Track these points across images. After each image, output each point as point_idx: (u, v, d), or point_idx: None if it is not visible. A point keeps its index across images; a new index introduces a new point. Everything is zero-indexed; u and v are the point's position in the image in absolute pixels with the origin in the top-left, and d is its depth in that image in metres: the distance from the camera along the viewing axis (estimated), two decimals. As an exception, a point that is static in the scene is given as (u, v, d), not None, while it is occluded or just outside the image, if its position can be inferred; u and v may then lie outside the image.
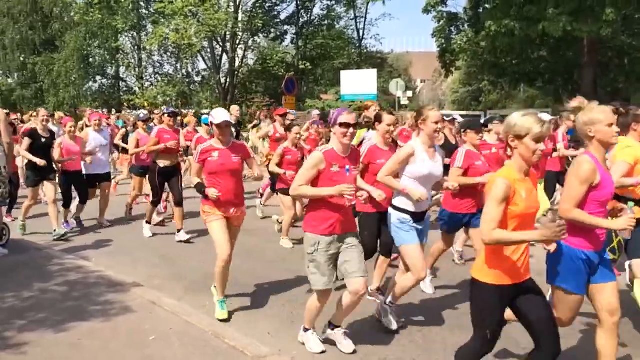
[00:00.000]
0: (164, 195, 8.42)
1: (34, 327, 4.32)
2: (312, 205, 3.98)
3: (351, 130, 3.83)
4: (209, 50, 30.24)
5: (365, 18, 32.69)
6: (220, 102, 29.04)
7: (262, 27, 29.99)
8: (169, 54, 31.88)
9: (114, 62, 32.92)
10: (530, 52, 22.93)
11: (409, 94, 26.00)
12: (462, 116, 11.39)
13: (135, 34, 31.93)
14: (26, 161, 7.70)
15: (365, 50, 33.25)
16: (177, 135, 7.81)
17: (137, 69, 32.30)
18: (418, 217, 4.34)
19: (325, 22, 32.24)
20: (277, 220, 7.85)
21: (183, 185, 7.94)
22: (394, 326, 4.46)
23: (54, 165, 7.81)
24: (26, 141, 7.56)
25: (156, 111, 15.08)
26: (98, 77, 33.80)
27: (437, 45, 24.77)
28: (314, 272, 3.89)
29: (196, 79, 32.95)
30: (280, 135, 8.40)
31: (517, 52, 21.71)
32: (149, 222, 8.03)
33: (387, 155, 4.77)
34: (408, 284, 4.36)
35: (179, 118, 12.83)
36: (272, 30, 32.07)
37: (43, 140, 7.65)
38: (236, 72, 30.72)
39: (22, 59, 33.24)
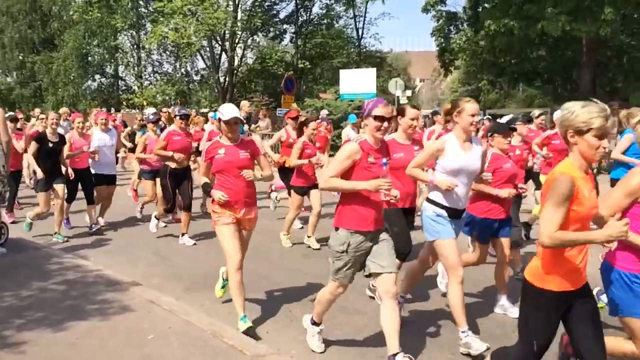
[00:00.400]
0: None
1: (33, 326, 4.31)
2: (344, 199, 3.74)
3: (386, 124, 3.62)
4: (208, 49, 30.22)
5: (365, 17, 32.71)
6: (220, 101, 29.04)
7: (261, 26, 29.97)
8: (168, 52, 31.91)
9: (113, 60, 32.93)
10: (529, 52, 22.96)
11: (408, 93, 25.95)
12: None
13: (134, 32, 31.95)
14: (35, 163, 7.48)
15: (364, 50, 33.23)
16: (188, 138, 7.57)
17: (136, 68, 32.32)
18: (454, 213, 4.13)
19: (325, 21, 32.22)
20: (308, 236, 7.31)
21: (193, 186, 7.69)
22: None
23: (63, 169, 7.52)
24: (33, 145, 7.31)
25: (164, 109, 14.94)
26: (97, 76, 33.86)
27: (436, 45, 24.83)
28: (339, 266, 3.71)
29: (195, 78, 33.00)
30: (293, 140, 7.87)
31: (516, 51, 21.73)
32: (158, 218, 7.87)
33: (406, 149, 4.71)
34: (456, 292, 3.98)
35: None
36: (271, 29, 32.04)
37: (51, 145, 7.32)
38: (235, 71, 30.70)
39: (20, 57, 33.24)
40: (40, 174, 7.14)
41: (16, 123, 9.36)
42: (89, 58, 32.20)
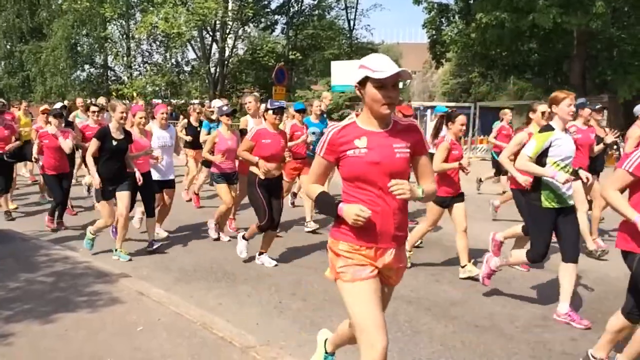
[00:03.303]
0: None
1: (20, 318, 4.28)
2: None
3: None
4: (198, 39, 30.05)
5: (356, 8, 32.70)
6: (210, 92, 28.96)
7: (252, 16, 29.83)
8: (157, 43, 31.64)
9: (102, 50, 32.60)
10: (520, 44, 23.01)
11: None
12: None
13: (123, 22, 31.63)
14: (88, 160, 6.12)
15: (355, 41, 33.21)
16: (281, 139, 5.92)
17: (125, 58, 32.01)
18: None
19: (316, 12, 32.18)
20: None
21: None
22: None
23: (129, 171, 6.27)
24: (94, 143, 6.00)
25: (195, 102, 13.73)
26: (86, 66, 33.49)
27: (428, 37, 24.84)
28: None
29: (186, 68, 32.79)
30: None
31: (507, 44, 21.78)
32: (246, 239, 6.14)
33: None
34: None
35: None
36: (263, 19, 31.92)
37: (115, 143, 6.03)
38: (226, 62, 30.56)
39: (8, 46, 32.87)
40: (97, 182, 5.95)
41: (61, 119, 7.63)
42: (78, 48, 31.88)
